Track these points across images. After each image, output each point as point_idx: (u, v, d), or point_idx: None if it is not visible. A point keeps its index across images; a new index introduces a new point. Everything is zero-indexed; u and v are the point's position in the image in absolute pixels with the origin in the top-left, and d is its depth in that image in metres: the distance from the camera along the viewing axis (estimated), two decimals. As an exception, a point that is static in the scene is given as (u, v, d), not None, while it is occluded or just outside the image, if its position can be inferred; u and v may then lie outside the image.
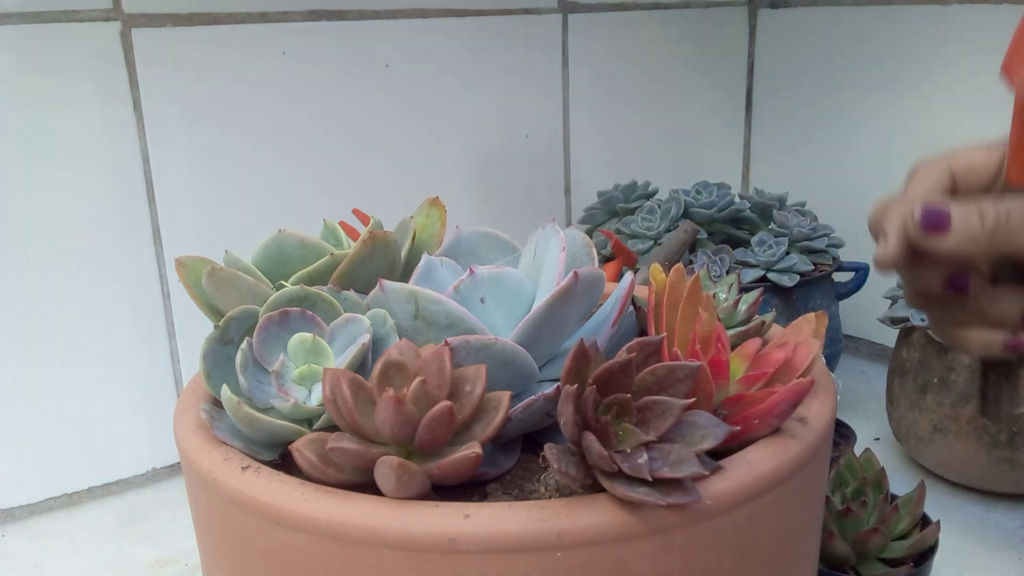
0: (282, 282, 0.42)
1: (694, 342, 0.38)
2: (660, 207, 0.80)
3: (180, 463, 0.39)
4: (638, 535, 0.31)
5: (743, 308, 0.47)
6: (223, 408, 0.37)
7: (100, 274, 0.69)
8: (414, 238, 0.48)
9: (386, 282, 0.39)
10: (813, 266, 0.77)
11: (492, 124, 0.86)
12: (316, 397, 0.38)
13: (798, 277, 0.74)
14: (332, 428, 0.35)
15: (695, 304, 0.39)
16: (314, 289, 0.41)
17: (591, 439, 0.31)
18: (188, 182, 0.72)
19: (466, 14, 0.82)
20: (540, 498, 0.33)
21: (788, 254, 0.76)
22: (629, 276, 0.41)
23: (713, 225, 0.80)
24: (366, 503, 0.32)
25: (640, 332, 0.46)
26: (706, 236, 0.79)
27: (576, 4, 0.88)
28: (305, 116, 0.76)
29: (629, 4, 0.92)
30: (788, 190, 0.86)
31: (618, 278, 0.58)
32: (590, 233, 0.83)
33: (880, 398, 0.80)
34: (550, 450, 0.31)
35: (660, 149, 0.99)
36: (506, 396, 0.34)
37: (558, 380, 0.34)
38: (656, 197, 0.84)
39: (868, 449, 0.58)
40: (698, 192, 0.82)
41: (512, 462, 0.37)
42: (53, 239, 0.67)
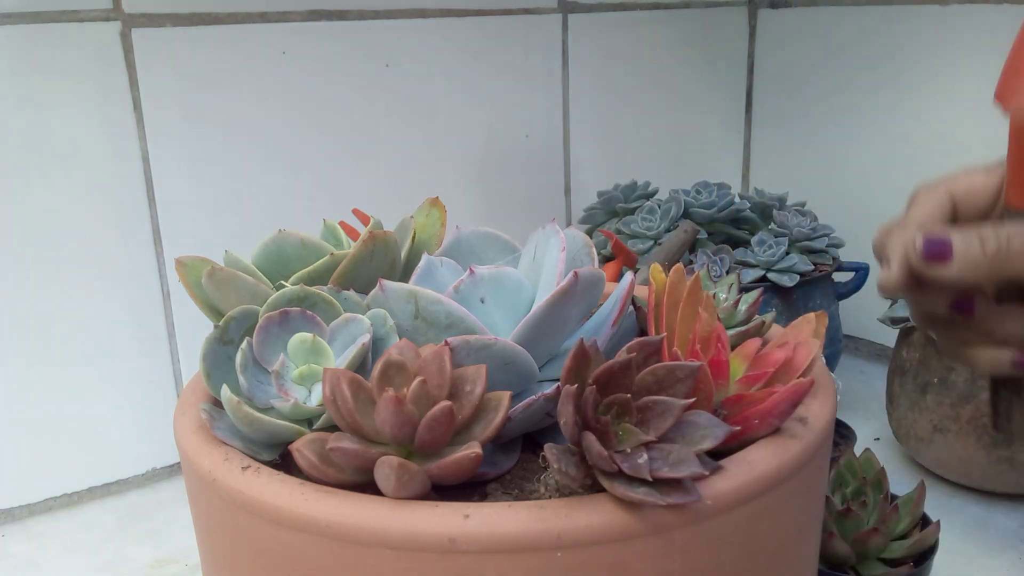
0: (282, 282, 0.42)
1: (694, 342, 0.38)
2: (660, 207, 0.80)
3: (180, 463, 0.39)
4: (638, 535, 0.31)
5: (743, 308, 0.47)
6: (223, 408, 0.37)
7: (100, 274, 0.69)
8: (414, 238, 0.48)
9: (386, 282, 0.39)
10: (813, 266, 0.77)
11: (492, 124, 0.86)
12: (316, 397, 0.38)
13: (798, 277, 0.74)
14: (332, 428, 0.35)
15: (695, 304, 0.39)
16: (314, 289, 0.41)
17: (591, 439, 0.31)
18: (188, 182, 0.72)
19: (466, 14, 0.82)
20: (540, 498, 0.33)
21: (788, 254, 0.76)
22: (629, 276, 0.41)
23: (713, 225, 0.80)
24: (366, 503, 0.32)
25: (640, 332, 0.46)
26: (706, 236, 0.79)
27: (576, 4, 0.88)
28: (305, 116, 0.76)
29: (629, 4, 0.92)
30: (788, 190, 0.86)
31: (618, 278, 0.58)
32: (590, 233, 0.83)
33: (880, 398, 0.80)
34: (550, 450, 0.31)
35: (660, 149, 0.99)
36: (506, 396, 0.34)
37: (558, 380, 0.34)
38: (656, 197, 0.84)
39: (868, 449, 0.58)
40: (698, 192, 0.82)
41: (512, 462, 0.37)
42: (53, 239, 0.67)
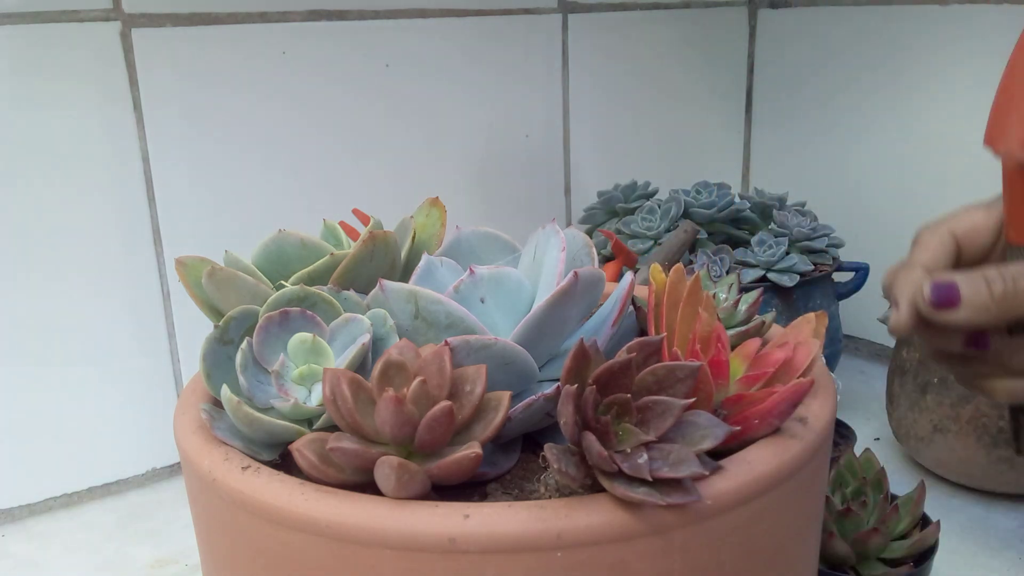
0: (282, 282, 0.42)
1: (694, 342, 0.38)
2: (660, 207, 0.80)
3: (180, 463, 0.39)
4: (638, 535, 0.31)
5: (743, 308, 0.47)
6: (223, 408, 0.37)
7: (100, 274, 0.69)
8: (414, 238, 0.48)
9: (386, 282, 0.39)
10: (813, 266, 0.77)
11: (492, 124, 0.86)
12: (316, 397, 0.38)
13: (798, 277, 0.74)
14: (332, 428, 0.35)
15: (695, 304, 0.39)
16: (314, 289, 0.41)
17: (591, 439, 0.31)
18: (188, 182, 0.72)
19: (466, 14, 0.82)
20: (540, 498, 0.33)
21: (788, 254, 0.76)
22: (629, 276, 0.41)
23: (713, 225, 0.80)
24: (366, 503, 0.32)
25: (640, 332, 0.46)
26: (706, 236, 0.79)
27: (576, 4, 0.88)
28: (305, 116, 0.76)
29: (629, 4, 0.92)
30: (788, 190, 0.86)
31: (618, 278, 0.58)
32: (590, 233, 0.83)
33: (880, 398, 0.80)
34: (550, 450, 0.31)
35: (660, 149, 0.99)
36: (506, 396, 0.34)
37: (558, 380, 0.34)
38: (656, 197, 0.84)
39: (868, 449, 0.58)
40: (698, 192, 0.82)
41: (512, 462, 0.37)
42: (53, 239, 0.67)
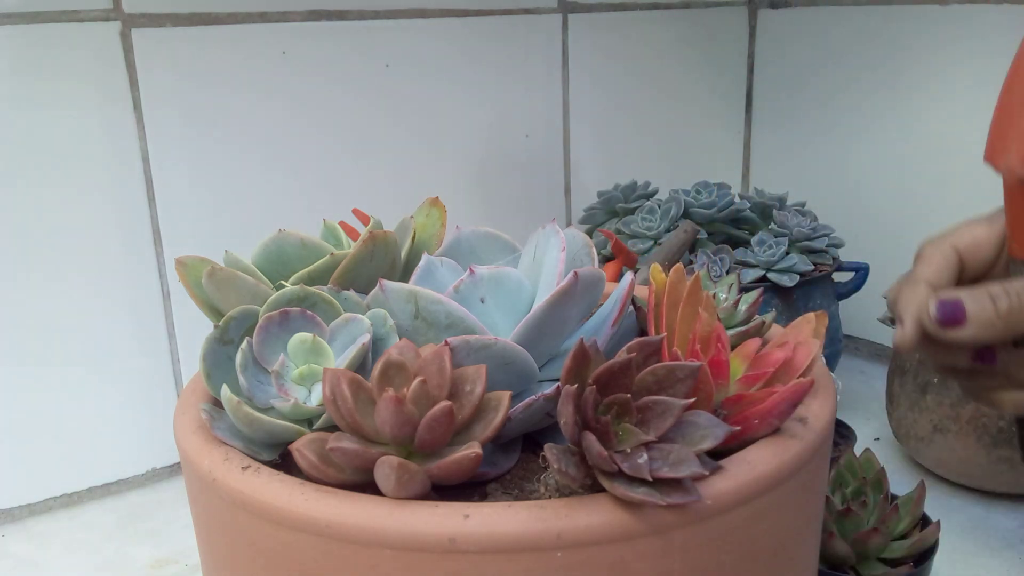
0: (282, 282, 0.42)
1: (694, 342, 0.38)
2: (660, 207, 0.80)
3: (180, 463, 0.39)
4: (638, 535, 0.31)
5: (743, 308, 0.47)
6: (223, 408, 0.37)
7: (100, 274, 0.69)
8: (414, 238, 0.48)
9: (386, 282, 0.39)
10: (813, 266, 0.77)
11: (492, 124, 0.86)
12: (316, 397, 0.38)
13: (798, 277, 0.74)
14: (332, 428, 0.35)
15: (695, 304, 0.39)
16: (314, 289, 0.41)
17: (591, 439, 0.31)
18: (188, 182, 0.72)
19: (466, 14, 0.82)
20: (540, 498, 0.33)
21: (788, 254, 0.76)
22: (629, 276, 0.41)
23: (713, 225, 0.80)
24: (366, 503, 0.32)
25: (640, 332, 0.46)
26: (706, 236, 0.79)
27: (576, 4, 0.88)
28: (305, 116, 0.76)
29: (629, 4, 0.92)
30: (788, 190, 0.86)
31: (618, 278, 0.58)
32: (590, 233, 0.83)
33: (880, 398, 0.80)
34: (550, 450, 0.31)
35: (660, 149, 0.99)
36: (506, 396, 0.34)
37: (558, 380, 0.34)
38: (656, 197, 0.84)
39: (868, 449, 0.58)
40: (698, 192, 0.82)
41: (512, 462, 0.37)
42: (53, 239, 0.67)
